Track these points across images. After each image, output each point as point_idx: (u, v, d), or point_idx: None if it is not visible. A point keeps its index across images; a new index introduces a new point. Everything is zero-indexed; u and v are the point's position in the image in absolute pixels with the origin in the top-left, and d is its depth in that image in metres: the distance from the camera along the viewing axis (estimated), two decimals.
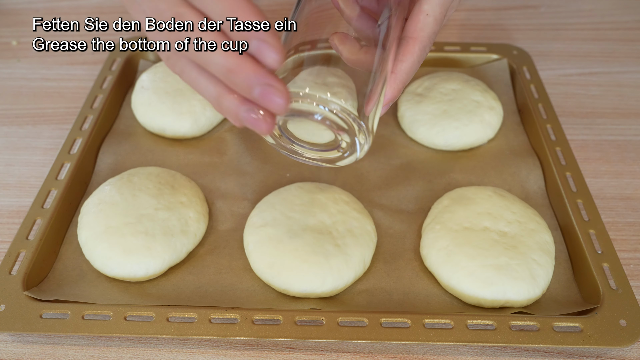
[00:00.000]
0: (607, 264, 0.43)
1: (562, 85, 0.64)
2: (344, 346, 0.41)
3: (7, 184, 0.54)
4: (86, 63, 0.68)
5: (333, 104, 0.31)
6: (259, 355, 0.41)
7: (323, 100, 0.31)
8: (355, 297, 0.43)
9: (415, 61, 0.34)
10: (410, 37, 0.34)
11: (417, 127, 0.55)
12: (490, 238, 0.44)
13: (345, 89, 0.32)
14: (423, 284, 0.44)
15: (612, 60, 0.68)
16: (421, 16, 0.34)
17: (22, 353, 0.41)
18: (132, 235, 0.44)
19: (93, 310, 0.40)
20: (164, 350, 0.41)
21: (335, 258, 0.42)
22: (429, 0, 0.34)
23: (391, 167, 0.53)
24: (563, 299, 0.43)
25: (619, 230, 0.49)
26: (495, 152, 0.55)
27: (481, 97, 0.56)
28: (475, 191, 0.48)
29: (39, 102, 0.63)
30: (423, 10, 0.34)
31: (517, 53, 0.63)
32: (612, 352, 0.41)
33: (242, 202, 0.50)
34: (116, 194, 0.46)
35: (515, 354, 0.41)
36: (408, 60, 0.34)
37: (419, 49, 0.34)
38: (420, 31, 0.34)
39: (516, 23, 0.74)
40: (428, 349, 0.41)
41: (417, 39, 0.34)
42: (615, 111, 0.61)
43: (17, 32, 0.73)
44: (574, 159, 0.51)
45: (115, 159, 0.54)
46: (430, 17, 0.34)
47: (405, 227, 0.48)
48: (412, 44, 0.34)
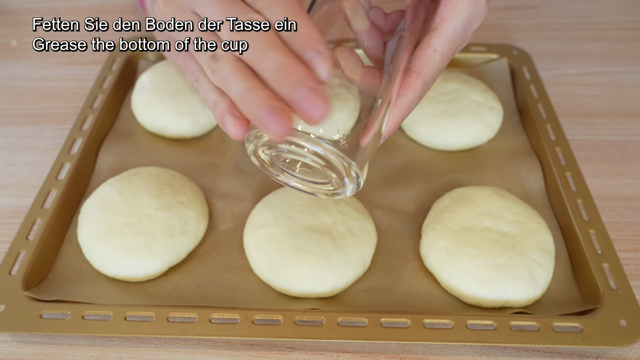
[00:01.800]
0: (607, 264, 0.43)
1: (562, 85, 0.64)
2: (344, 346, 0.41)
3: (7, 184, 0.54)
4: (86, 63, 0.68)
5: (325, 143, 0.29)
6: (259, 355, 0.41)
7: (314, 141, 0.30)
8: (355, 297, 0.43)
9: (417, 96, 0.33)
10: (414, 71, 0.33)
11: (417, 127, 0.55)
12: (490, 238, 0.44)
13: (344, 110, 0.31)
14: (423, 284, 0.44)
15: (612, 60, 0.68)
16: (428, 51, 0.33)
17: (22, 353, 0.41)
18: (132, 235, 0.44)
19: (93, 310, 0.40)
20: (164, 350, 0.41)
21: (335, 258, 0.42)
22: (439, 36, 0.33)
23: (391, 167, 0.53)
24: (563, 299, 0.43)
25: (619, 230, 0.49)
26: (495, 152, 0.55)
27: (481, 97, 0.56)
28: (475, 191, 0.48)
29: (39, 102, 0.63)
30: (431, 45, 0.33)
31: (517, 53, 0.63)
32: (612, 352, 0.41)
33: (242, 202, 0.50)
34: (116, 194, 0.46)
35: (515, 354, 0.41)
36: (409, 96, 0.33)
37: (421, 85, 0.33)
38: (425, 66, 0.33)
39: (516, 23, 0.74)
40: (428, 349, 0.41)
41: (421, 74, 0.33)
42: (615, 111, 0.61)
43: (17, 32, 0.73)
44: (573, 159, 0.51)
45: (115, 159, 0.54)
46: (437, 54, 0.33)
47: (405, 227, 0.48)
48: (415, 78, 0.33)
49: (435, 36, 0.33)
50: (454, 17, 0.33)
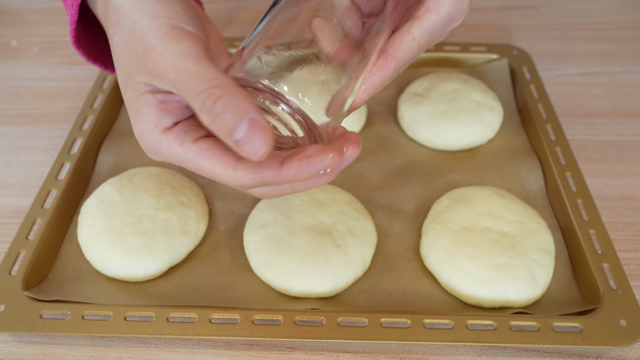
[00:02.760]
0: (607, 264, 0.43)
1: (562, 85, 0.64)
2: (344, 346, 0.41)
3: (7, 184, 0.54)
4: (86, 63, 0.67)
5: (292, 102, 0.30)
6: (259, 355, 0.41)
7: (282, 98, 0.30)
8: (355, 297, 0.43)
9: (388, 78, 0.34)
10: (390, 53, 0.34)
11: (417, 127, 0.55)
12: (490, 238, 0.44)
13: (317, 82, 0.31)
14: (423, 284, 0.44)
15: (612, 60, 0.68)
16: (407, 37, 0.34)
17: (22, 353, 0.41)
18: (132, 235, 0.44)
19: (93, 310, 0.40)
20: (164, 350, 0.41)
21: (335, 258, 0.42)
22: (420, 25, 0.34)
23: (391, 167, 0.53)
24: (563, 299, 0.43)
25: (619, 230, 0.49)
26: (495, 152, 0.55)
27: (481, 97, 0.56)
28: (475, 191, 0.48)
29: (39, 102, 0.63)
30: (411, 33, 0.34)
31: (517, 53, 0.63)
32: (612, 352, 0.41)
33: (242, 202, 0.50)
34: (116, 194, 0.46)
35: (515, 354, 0.41)
36: (381, 75, 0.34)
37: (394, 67, 0.34)
38: (401, 51, 0.34)
39: (516, 23, 0.74)
40: (428, 349, 0.41)
41: (396, 58, 0.34)
42: (615, 111, 0.61)
43: (17, 32, 0.73)
44: (573, 159, 0.51)
45: (115, 159, 0.54)
46: (415, 42, 0.34)
47: (405, 227, 0.48)
48: (390, 60, 0.34)
49: (417, 25, 0.34)
50: (437, 11, 0.34)
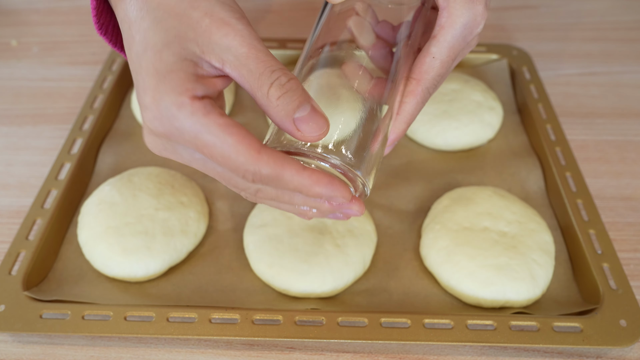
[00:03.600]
0: (607, 264, 0.43)
1: (562, 85, 0.64)
2: (344, 346, 0.41)
3: (7, 184, 0.54)
4: (86, 63, 0.68)
5: (331, 159, 0.30)
6: (259, 355, 0.41)
7: (320, 156, 0.30)
8: (355, 297, 0.43)
9: (419, 102, 0.34)
10: (414, 78, 0.34)
11: (417, 127, 0.55)
12: (490, 238, 0.44)
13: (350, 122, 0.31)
14: (423, 284, 0.44)
15: (612, 60, 0.68)
16: (427, 58, 0.34)
17: (22, 353, 0.41)
18: (132, 235, 0.44)
19: (93, 310, 0.40)
20: (164, 350, 0.41)
21: (335, 258, 0.42)
22: (437, 43, 0.34)
23: (391, 167, 0.53)
24: (563, 299, 0.43)
25: (619, 230, 0.49)
26: (495, 152, 0.55)
27: (481, 97, 0.56)
28: (475, 191, 0.48)
29: (39, 102, 0.63)
30: (430, 53, 0.34)
31: (517, 53, 0.63)
32: (612, 352, 0.41)
33: (242, 202, 0.50)
34: (116, 194, 0.46)
35: (515, 354, 0.41)
36: (411, 102, 0.34)
37: (422, 91, 0.34)
38: (424, 73, 0.34)
39: (516, 23, 0.74)
40: (428, 349, 0.41)
41: (421, 81, 0.34)
42: (615, 111, 0.61)
43: (17, 32, 0.73)
44: (573, 159, 0.51)
45: (115, 159, 0.54)
46: (437, 61, 0.34)
47: (405, 227, 0.48)
48: (416, 85, 0.34)
49: (434, 44, 0.34)
50: (451, 25, 0.34)
